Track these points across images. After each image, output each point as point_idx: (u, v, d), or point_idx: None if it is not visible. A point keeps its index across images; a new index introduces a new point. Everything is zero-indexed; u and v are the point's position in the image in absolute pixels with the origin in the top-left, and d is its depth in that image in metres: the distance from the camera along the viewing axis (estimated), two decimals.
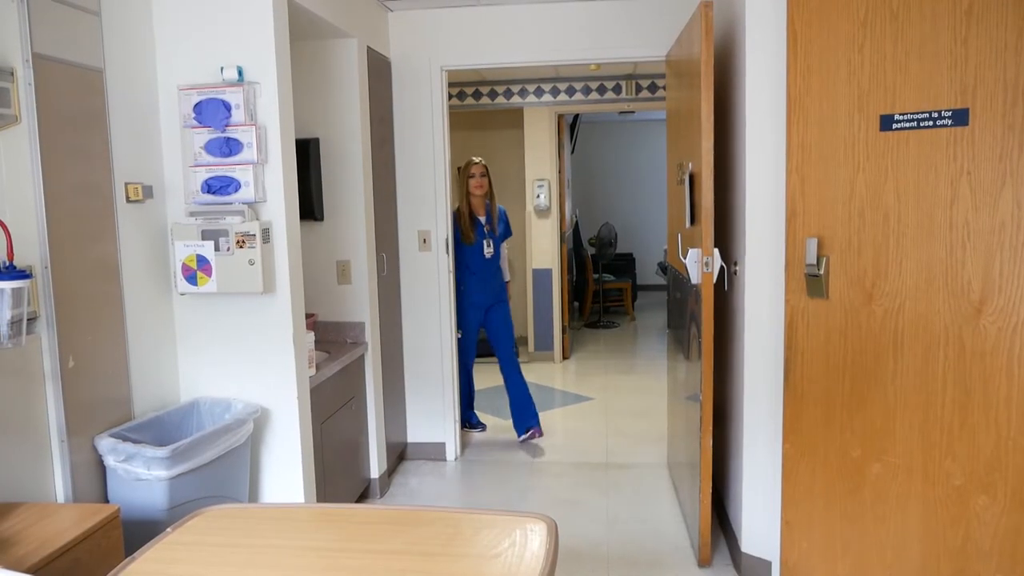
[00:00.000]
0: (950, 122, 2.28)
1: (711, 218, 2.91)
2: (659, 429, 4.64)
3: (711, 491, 3.04)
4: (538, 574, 1.48)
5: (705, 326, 2.92)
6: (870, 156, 2.41)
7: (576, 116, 8.37)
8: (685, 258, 3.02)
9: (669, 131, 4.00)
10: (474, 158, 4.61)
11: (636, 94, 6.33)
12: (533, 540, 1.64)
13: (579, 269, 8.72)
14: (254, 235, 2.64)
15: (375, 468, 3.85)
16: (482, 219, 4.59)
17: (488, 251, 4.58)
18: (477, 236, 4.55)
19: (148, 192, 2.66)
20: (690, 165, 3.13)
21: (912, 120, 2.35)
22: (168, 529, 1.75)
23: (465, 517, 1.84)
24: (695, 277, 2.98)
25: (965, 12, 2.24)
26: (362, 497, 3.79)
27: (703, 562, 3.09)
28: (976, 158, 2.25)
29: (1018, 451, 2.27)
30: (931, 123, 2.32)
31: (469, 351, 4.72)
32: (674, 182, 3.64)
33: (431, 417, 4.43)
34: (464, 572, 1.56)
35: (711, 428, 2.99)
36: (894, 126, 2.37)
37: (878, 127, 2.40)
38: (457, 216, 4.52)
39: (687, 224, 3.14)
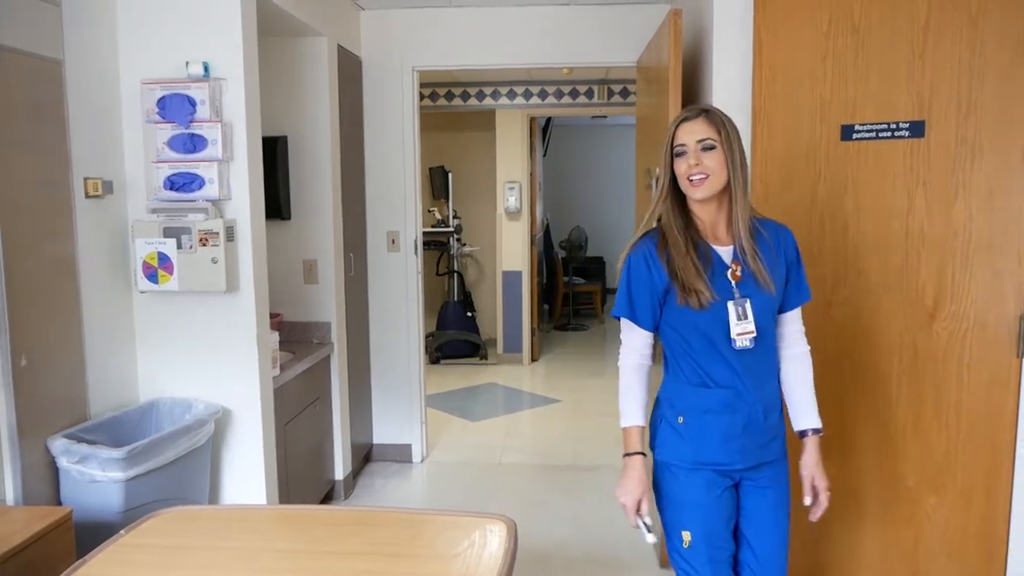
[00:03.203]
0: (907, 133, 2.34)
1: None
2: None
3: None
4: (495, 574, 1.48)
5: None
6: (831, 165, 2.45)
7: (549, 119, 8.40)
8: None
9: (639, 136, 4.03)
10: (687, 112, 1.91)
11: (608, 99, 6.37)
12: (492, 541, 1.65)
13: (549, 272, 8.75)
14: (218, 233, 2.61)
15: (340, 470, 3.83)
16: (723, 251, 1.88)
17: (743, 330, 1.83)
18: (717, 291, 1.83)
19: (108, 188, 2.62)
20: (658, 170, 3.15)
21: (871, 130, 2.39)
22: (121, 532, 1.72)
23: (426, 518, 1.84)
24: None
25: (922, 27, 2.29)
26: (326, 499, 3.77)
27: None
28: (931, 169, 2.31)
29: (966, 453, 2.33)
30: (889, 134, 2.37)
31: None
32: (643, 187, 3.66)
33: (397, 419, 4.41)
34: (423, 573, 1.56)
35: None
36: (854, 136, 2.42)
37: (839, 136, 2.44)
38: (657, 241, 1.90)
39: None
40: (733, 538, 1.92)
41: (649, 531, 1.88)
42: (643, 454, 1.90)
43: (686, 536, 1.86)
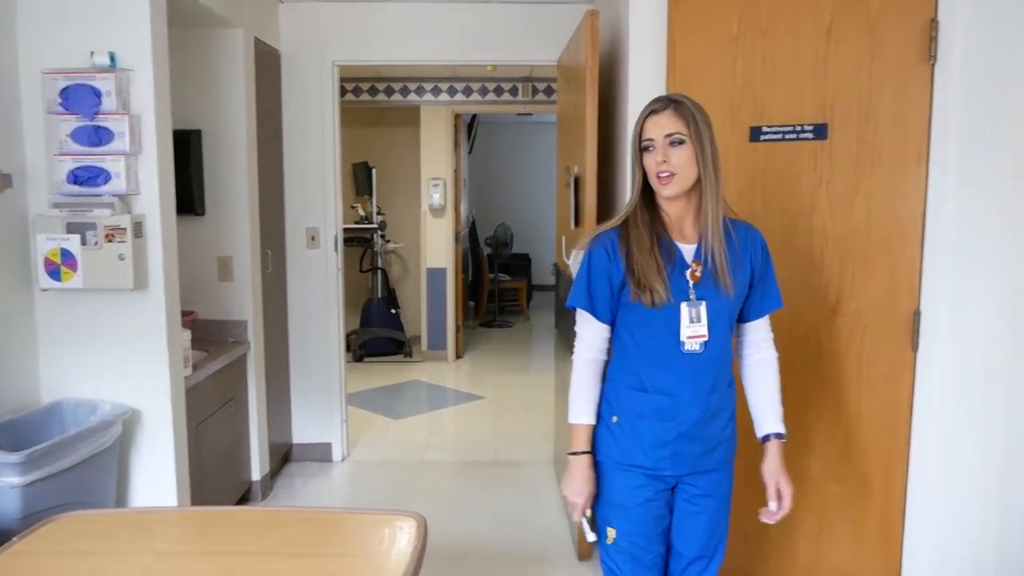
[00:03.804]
0: (811, 135, 2.43)
1: (594, 221, 2.98)
2: (549, 427, 4.72)
3: None
4: (403, 570, 1.48)
5: None
6: (740, 165, 2.53)
7: (474, 116, 8.40)
8: (569, 259, 3.08)
9: (559, 134, 4.08)
10: (655, 103, 1.84)
11: (533, 96, 6.42)
12: (402, 538, 1.64)
13: (475, 268, 8.76)
14: (125, 229, 2.52)
15: (256, 470, 3.74)
16: (686, 249, 1.84)
17: (694, 333, 1.80)
18: (673, 291, 1.80)
19: (7, 181, 2.49)
20: (576, 168, 3.20)
21: (778, 132, 2.48)
22: (13, 539, 1.65)
23: (336, 517, 1.82)
24: None
25: (825, 33, 2.39)
26: (243, 500, 3.68)
27: (583, 556, 3.17)
28: (833, 170, 2.41)
29: (865, 444, 2.45)
30: (795, 136, 2.46)
31: None
32: (563, 184, 3.71)
33: (317, 417, 4.34)
34: (329, 572, 1.55)
35: None
36: (762, 137, 2.51)
37: (748, 138, 2.53)
38: (620, 234, 1.86)
39: (572, 226, 3.22)
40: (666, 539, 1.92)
41: (592, 530, 1.90)
42: (589, 453, 1.88)
43: (611, 532, 1.87)
